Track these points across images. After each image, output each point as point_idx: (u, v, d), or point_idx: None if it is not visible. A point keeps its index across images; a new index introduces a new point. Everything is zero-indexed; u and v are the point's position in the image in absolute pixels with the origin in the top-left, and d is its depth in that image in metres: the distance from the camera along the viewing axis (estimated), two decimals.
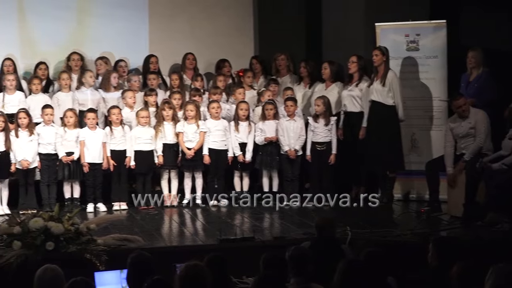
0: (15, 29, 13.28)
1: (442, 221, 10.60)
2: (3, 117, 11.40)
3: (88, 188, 11.64)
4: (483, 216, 10.02)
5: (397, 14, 12.39)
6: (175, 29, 13.80)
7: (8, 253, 8.39)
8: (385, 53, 11.73)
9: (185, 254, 8.06)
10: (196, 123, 11.82)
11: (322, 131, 11.84)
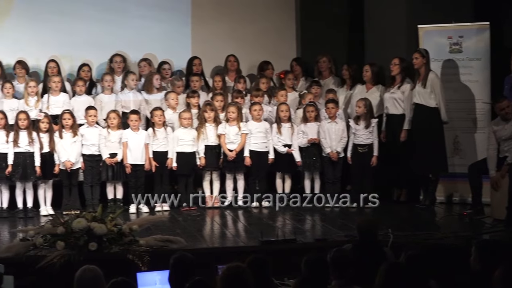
0: (59, 31, 13.36)
1: (485, 224, 10.51)
2: (47, 118, 11.51)
3: (131, 189, 11.70)
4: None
5: (440, 16, 12.31)
6: (217, 31, 13.82)
7: (51, 253, 8.44)
8: (425, 55, 11.67)
9: (227, 256, 8.12)
10: (238, 125, 11.85)
11: (363, 133, 11.81)
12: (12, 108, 11.80)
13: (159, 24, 13.69)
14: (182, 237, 9.33)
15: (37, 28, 13.36)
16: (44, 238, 8.77)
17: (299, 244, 9.27)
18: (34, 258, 8.45)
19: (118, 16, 13.61)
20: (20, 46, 13.13)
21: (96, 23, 13.51)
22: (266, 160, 12.00)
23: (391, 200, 12.06)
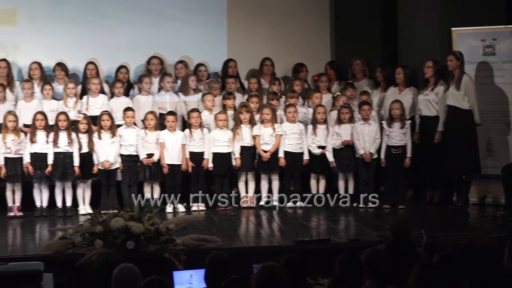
0: (97, 34, 13.44)
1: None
2: (86, 120, 11.59)
3: (168, 189, 11.73)
4: None
5: (473, 19, 12.22)
6: (253, 34, 13.83)
7: (90, 252, 8.49)
8: (460, 57, 11.62)
9: (262, 255, 8.11)
10: (272, 126, 11.85)
11: (397, 135, 11.76)
12: (52, 109, 11.88)
13: (195, 27, 13.73)
14: (217, 237, 9.36)
15: (76, 31, 13.42)
16: (83, 236, 8.83)
17: (333, 244, 9.26)
18: (73, 256, 8.50)
19: (156, 19, 13.65)
20: (59, 49, 13.22)
21: (135, 26, 13.57)
22: (300, 161, 11.99)
23: (424, 201, 12.02)
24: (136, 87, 12.77)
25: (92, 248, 8.58)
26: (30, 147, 11.42)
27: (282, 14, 13.94)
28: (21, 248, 9.48)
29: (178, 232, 9.12)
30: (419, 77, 12.29)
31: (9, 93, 12.25)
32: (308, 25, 14.04)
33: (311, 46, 13.94)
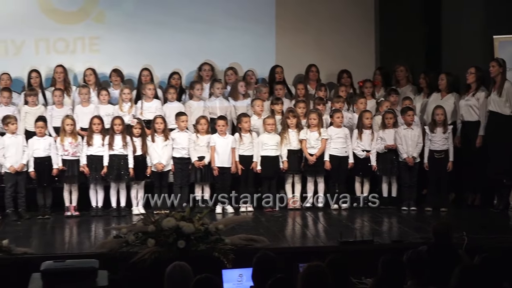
0: (152, 41, 13.51)
1: None
2: (140, 124, 11.67)
3: (217, 190, 11.75)
4: None
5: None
6: (300, 41, 13.82)
7: (142, 250, 8.55)
8: (502, 64, 11.55)
9: (307, 255, 8.08)
10: (318, 131, 11.84)
11: (439, 140, 11.70)
12: (107, 113, 11.98)
13: (245, 35, 13.76)
14: (265, 237, 9.36)
15: (131, 38, 13.53)
16: (136, 235, 8.88)
17: (376, 245, 9.23)
18: (127, 254, 8.57)
19: (207, 27, 13.70)
20: (115, 56, 13.33)
21: (187, 34, 13.63)
22: (345, 164, 11.96)
23: (465, 205, 11.91)
24: (187, 92, 12.81)
25: (145, 246, 8.64)
26: (87, 150, 11.52)
27: (329, 22, 13.92)
28: (77, 246, 9.55)
29: (227, 232, 9.13)
30: (461, 83, 12.18)
31: (66, 97, 12.37)
32: (353, 32, 13.99)
33: (356, 53, 13.89)
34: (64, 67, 12.70)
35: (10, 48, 13.27)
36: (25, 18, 13.29)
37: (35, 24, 13.31)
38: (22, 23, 13.26)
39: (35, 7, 13.29)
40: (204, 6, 13.69)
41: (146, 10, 13.56)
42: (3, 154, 11.34)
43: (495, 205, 11.58)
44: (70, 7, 13.42)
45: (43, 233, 10.28)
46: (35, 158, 11.43)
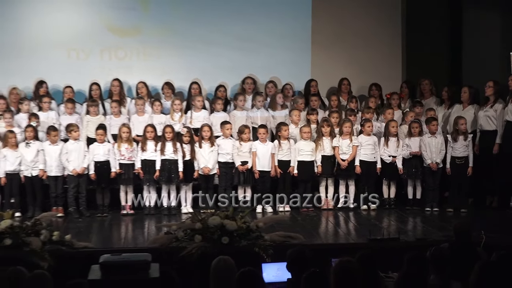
0: (200, 57, 13.57)
1: None
2: (189, 132, 11.69)
3: (258, 192, 11.73)
4: None
5: None
6: (333, 57, 13.81)
7: (190, 245, 8.56)
8: None
9: (339, 251, 8.06)
10: (350, 138, 11.80)
11: (460, 147, 11.61)
12: (160, 122, 12.02)
13: (283, 52, 13.76)
14: (301, 234, 9.31)
15: (182, 55, 13.60)
16: (185, 232, 8.90)
17: (402, 242, 9.16)
18: (176, 249, 8.59)
19: (250, 45, 13.73)
20: (167, 70, 13.40)
21: (232, 50, 13.68)
22: (374, 169, 11.90)
23: (484, 206, 11.79)
24: (232, 103, 12.84)
25: (192, 242, 8.65)
26: (141, 155, 11.56)
27: (360, 39, 13.89)
28: (132, 241, 9.62)
29: (267, 229, 9.11)
30: (480, 95, 12.07)
31: (122, 108, 12.47)
32: (382, 49, 13.95)
33: (384, 68, 13.84)
34: (120, 81, 12.79)
35: (81, 55, 13.45)
36: (92, 32, 13.47)
37: (99, 37, 13.47)
38: (89, 36, 13.47)
39: (100, 24, 13.45)
40: (248, 25, 13.73)
41: (195, 29, 13.61)
42: (66, 158, 11.41)
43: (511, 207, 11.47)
44: (127, 25, 13.53)
45: (101, 229, 10.35)
46: (95, 162, 11.50)
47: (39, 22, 13.33)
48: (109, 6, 13.46)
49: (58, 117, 12.22)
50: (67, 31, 13.40)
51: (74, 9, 13.45)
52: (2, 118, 11.86)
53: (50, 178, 11.49)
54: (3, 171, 11.37)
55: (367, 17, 13.95)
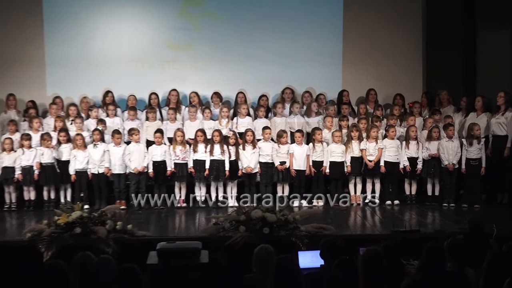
0: (245, 70, 13.66)
1: None
2: (234, 135, 11.74)
3: (295, 188, 11.72)
4: None
5: None
6: (361, 71, 13.76)
7: (235, 235, 8.59)
8: None
9: (366, 241, 8.02)
10: (376, 142, 11.74)
11: (475, 150, 11.49)
12: (209, 127, 12.07)
13: (318, 65, 13.74)
14: (332, 226, 9.30)
15: (229, 68, 13.66)
16: (231, 223, 8.92)
17: (422, 233, 9.10)
18: (223, 238, 8.63)
19: (289, 59, 13.73)
20: (216, 81, 13.46)
21: (273, 64, 13.70)
22: (397, 169, 11.79)
23: (495, 203, 11.64)
24: (272, 110, 12.84)
25: (237, 232, 8.68)
26: (193, 156, 11.61)
27: (385, 55, 13.83)
28: (185, 231, 9.64)
29: (302, 221, 9.10)
30: (493, 104, 11.94)
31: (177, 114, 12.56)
32: (405, 63, 13.89)
33: (407, 80, 13.76)
34: (177, 91, 12.88)
35: (144, 67, 13.58)
36: (153, 48, 13.61)
37: (159, 52, 13.60)
38: (150, 52, 13.62)
39: (160, 41, 13.59)
40: (287, 42, 13.74)
41: (240, 46, 13.68)
42: (129, 158, 11.52)
43: None
44: (182, 42, 13.63)
45: (158, 220, 10.40)
46: (154, 162, 11.57)
47: (108, 39, 13.49)
48: (168, 26, 13.57)
49: (122, 122, 12.35)
50: (132, 47, 13.56)
51: (139, 28, 13.60)
52: (74, 123, 12.02)
53: (114, 175, 11.61)
54: (73, 169, 11.51)
55: (391, 36, 13.86)
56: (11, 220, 10.61)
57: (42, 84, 13.35)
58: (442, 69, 13.67)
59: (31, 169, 11.47)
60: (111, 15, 13.53)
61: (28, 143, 11.52)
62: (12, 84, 13.05)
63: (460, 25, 13.68)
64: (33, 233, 8.79)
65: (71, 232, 8.62)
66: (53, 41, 13.35)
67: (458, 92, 12.89)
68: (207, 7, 13.64)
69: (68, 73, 13.35)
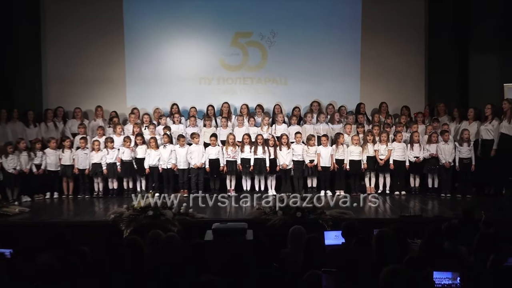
0: (281, 87, 13.69)
1: None
2: (273, 139, 11.77)
3: (321, 181, 11.69)
4: None
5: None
6: (376, 87, 13.67)
7: (274, 218, 8.62)
8: (511, 102, 11.15)
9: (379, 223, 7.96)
10: (386, 144, 11.66)
11: (466, 151, 11.36)
12: (254, 132, 12.13)
13: (340, 83, 13.70)
14: (351, 211, 9.27)
15: (269, 85, 13.72)
16: (270, 208, 8.94)
17: (424, 218, 9.02)
18: (264, 220, 8.68)
19: (316, 78, 13.71)
20: (259, 95, 13.60)
21: (303, 82, 13.69)
22: (404, 166, 11.68)
23: (484, 193, 11.44)
24: (303, 119, 12.81)
25: (275, 215, 8.70)
26: (241, 155, 11.65)
27: (394, 75, 13.74)
28: (234, 214, 9.67)
29: (327, 207, 9.11)
30: (482, 114, 11.77)
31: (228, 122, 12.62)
32: (410, 81, 13.77)
33: (412, 94, 13.63)
34: (228, 103, 12.95)
35: (204, 83, 13.67)
36: (211, 68, 13.69)
37: (215, 71, 13.68)
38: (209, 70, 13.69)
39: (217, 62, 13.67)
40: (315, 64, 13.70)
41: (278, 68, 13.71)
42: (190, 157, 11.63)
43: (504, 194, 11.12)
44: (233, 63, 13.71)
45: (213, 205, 10.41)
46: (210, 159, 11.64)
47: (175, 62, 13.66)
48: (222, 52, 13.67)
49: (185, 128, 12.44)
50: (194, 67, 13.68)
51: (200, 53, 13.69)
52: (148, 129, 12.17)
53: (179, 170, 11.71)
54: (147, 164, 11.65)
55: (399, 60, 13.72)
56: (99, 205, 10.79)
57: (123, 98, 13.55)
58: (440, 86, 13.49)
59: (114, 165, 11.64)
60: (178, 43, 13.66)
61: (112, 145, 11.70)
62: (100, 98, 13.28)
63: (456, 51, 13.49)
64: (115, 215, 8.93)
65: (145, 214, 8.73)
66: (132, 64, 13.57)
67: (453, 105, 12.71)
68: (253, 38, 13.68)
69: (144, 89, 13.53)
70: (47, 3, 13.45)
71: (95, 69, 13.45)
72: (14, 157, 11.22)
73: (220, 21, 13.53)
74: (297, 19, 13.58)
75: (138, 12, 13.53)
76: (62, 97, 13.28)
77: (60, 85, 13.45)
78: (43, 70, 13.46)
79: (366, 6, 13.64)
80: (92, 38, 13.39)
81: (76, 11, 13.40)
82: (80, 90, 13.38)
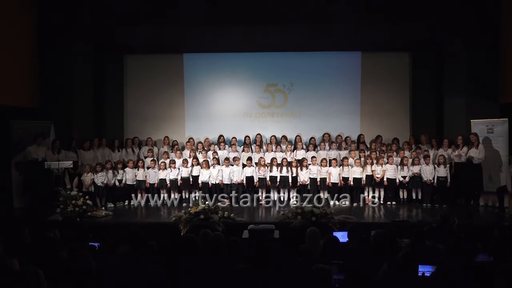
0: (300, 121, 13.56)
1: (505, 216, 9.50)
2: (295, 161, 11.65)
3: (331, 193, 11.45)
4: None
5: (484, 114, 11.48)
6: (372, 122, 13.48)
7: (294, 221, 8.56)
8: (476, 135, 10.99)
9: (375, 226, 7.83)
10: (381, 166, 11.50)
11: (442, 171, 11.11)
12: (280, 156, 11.97)
13: (345, 118, 13.48)
14: (354, 216, 9.13)
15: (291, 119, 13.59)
16: (292, 213, 8.87)
17: (410, 222, 8.84)
18: (287, 223, 8.61)
19: (326, 115, 13.55)
20: (284, 128, 13.43)
21: (316, 118, 13.53)
22: (394, 182, 11.43)
23: (456, 204, 11.15)
24: (317, 146, 12.63)
25: (296, 219, 8.63)
26: (269, 173, 11.53)
27: (387, 113, 13.50)
28: (265, 218, 9.57)
29: (336, 213, 9.00)
30: (454, 142, 11.54)
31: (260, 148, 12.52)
32: (398, 118, 13.53)
33: (400, 128, 13.40)
34: (261, 134, 12.92)
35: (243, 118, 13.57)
36: (249, 107, 13.63)
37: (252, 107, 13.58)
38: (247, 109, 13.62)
39: (253, 100, 13.61)
40: (325, 104, 13.44)
41: (298, 107, 13.59)
42: (232, 175, 11.58)
43: (471, 204, 10.85)
44: (265, 102, 13.65)
45: (249, 211, 10.39)
46: (246, 176, 11.56)
47: (222, 102, 13.63)
48: (258, 96, 13.50)
49: (228, 153, 12.43)
50: (236, 106, 13.57)
51: (241, 95, 13.61)
52: (201, 153, 12.23)
53: (224, 184, 11.68)
54: (200, 181, 11.61)
55: (391, 101, 13.49)
56: (164, 210, 10.84)
57: (182, 130, 13.65)
58: (422, 122, 13.26)
59: (176, 180, 11.71)
60: (224, 89, 13.67)
61: (174, 165, 11.78)
62: (165, 130, 13.43)
63: (433, 95, 13.30)
64: (176, 218, 8.98)
65: (198, 218, 8.76)
66: (190, 105, 13.65)
67: (432, 136, 12.48)
68: (278, 87, 13.62)
69: (198, 123, 13.60)
70: (130, 60, 13.77)
71: (162, 109, 13.67)
72: (103, 174, 11.41)
73: (254, 74, 13.60)
74: (310, 72, 13.52)
75: (194, 66, 13.70)
76: (138, 129, 13.51)
77: (137, 120, 13.70)
78: (125, 109, 13.75)
79: (365, 61, 13.55)
80: (160, 85, 13.63)
81: (150, 66, 13.68)
82: (150, 124, 13.59)
